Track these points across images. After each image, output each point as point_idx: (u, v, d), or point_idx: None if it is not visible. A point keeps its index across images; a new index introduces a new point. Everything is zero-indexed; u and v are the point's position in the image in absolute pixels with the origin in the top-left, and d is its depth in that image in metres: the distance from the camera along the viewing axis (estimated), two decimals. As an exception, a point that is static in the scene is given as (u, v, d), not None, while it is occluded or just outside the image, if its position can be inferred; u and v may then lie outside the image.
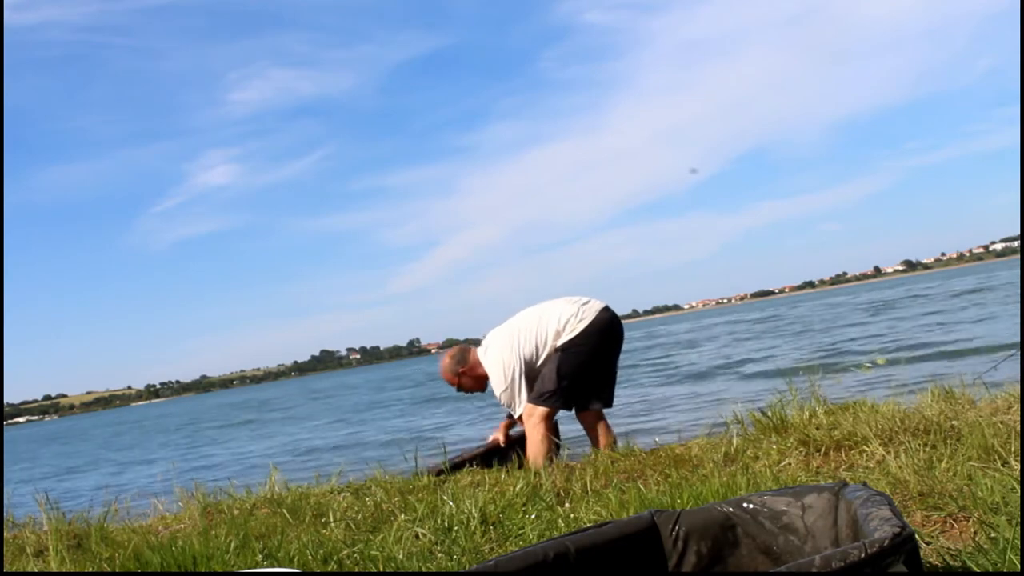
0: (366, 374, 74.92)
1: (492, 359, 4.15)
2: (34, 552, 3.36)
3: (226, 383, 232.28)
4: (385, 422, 14.92)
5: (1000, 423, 2.82)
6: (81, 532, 3.55)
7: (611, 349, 4.25)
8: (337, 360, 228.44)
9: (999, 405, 3.23)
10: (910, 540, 1.30)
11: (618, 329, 4.27)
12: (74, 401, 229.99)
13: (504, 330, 4.22)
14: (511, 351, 4.11)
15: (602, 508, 2.70)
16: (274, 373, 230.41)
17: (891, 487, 2.39)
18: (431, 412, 15.04)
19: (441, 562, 2.42)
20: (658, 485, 2.91)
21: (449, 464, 4.08)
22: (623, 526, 1.72)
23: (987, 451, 2.50)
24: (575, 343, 4.09)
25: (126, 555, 2.93)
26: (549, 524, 2.62)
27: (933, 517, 2.15)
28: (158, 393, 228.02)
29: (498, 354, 4.14)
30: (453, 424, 11.56)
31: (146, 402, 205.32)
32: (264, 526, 3.21)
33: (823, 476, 2.76)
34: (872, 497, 1.49)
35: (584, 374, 4.13)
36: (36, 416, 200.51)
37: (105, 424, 52.59)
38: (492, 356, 4.16)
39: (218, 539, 2.89)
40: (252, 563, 2.64)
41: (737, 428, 3.65)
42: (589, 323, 4.10)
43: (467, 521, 2.70)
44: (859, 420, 3.13)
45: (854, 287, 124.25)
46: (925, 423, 2.96)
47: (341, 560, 2.56)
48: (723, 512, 1.73)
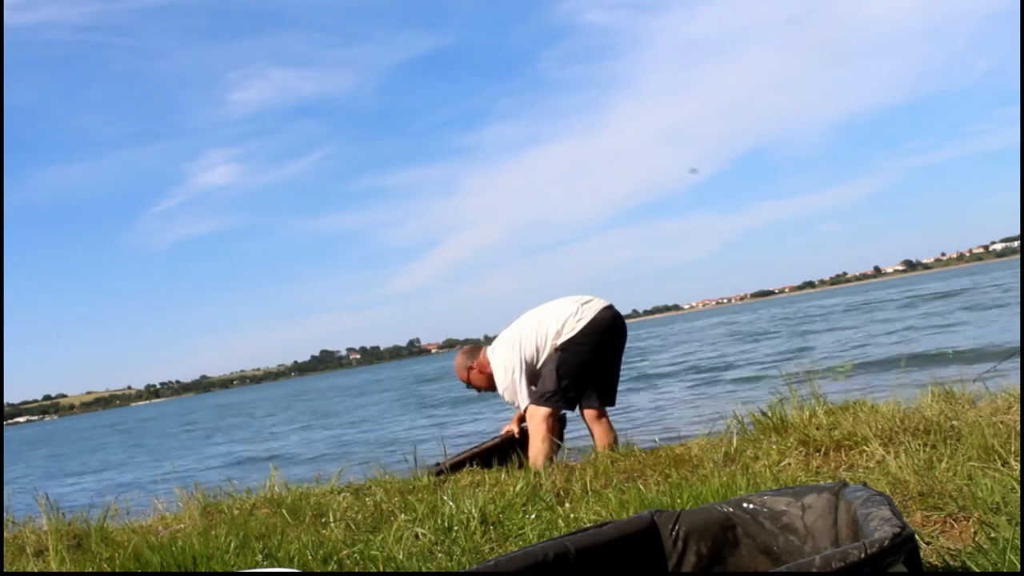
0: (366, 374, 74.94)
1: (495, 359, 4.27)
2: (34, 552, 3.36)
3: (226, 383, 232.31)
4: (345, 431, 14.86)
5: (1000, 423, 2.82)
6: (81, 532, 3.55)
7: (612, 348, 4.26)
8: (337, 360, 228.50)
9: (999, 405, 3.23)
10: (910, 540, 1.30)
11: (619, 327, 4.28)
12: (74, 401, 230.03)
13: (509, 331, 4.32)
14: (512, 352, 4.20)
15: (602, 508, 2.70)
16: (274, 373, 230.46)
17: (891, 487, 2.39)
18: (396, 418, 15.02)
19: (441, 562, 2.42)
20: (658, 485, 2.91)
21: (449, 464, 4.10)
22: (623, 526, 1.72)
23: (987, 451, 2.50)
24: (574, 342, 4.12)
25: (126, 555, 2.93)
26: (549, 524, 2.62)
27: (933, 517, 2.15)
28: (158, 393, 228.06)
29: (500, 355, 4.24)
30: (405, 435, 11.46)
31: (146, 402, 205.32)
32: (264, 526, 3.21)
33: (823, 476, 2.76)
34: (872, 497, 1.49)
35: (584, 373, 4.14)
36: (36, 416, 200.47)
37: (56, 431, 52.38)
38: (495, 356, 4.27)
39: (218, 539, 2.89)
40: (252, 563, 2.64)
41: (737, 428, 3.65)
42: (588, 322, 4.14)
43: (467, 521, 2.70)
44: (859, 420, 3.13)
45: (854, 287, 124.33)
46: (925, 423, 2.96)
47: (341, 560, 2.56)
48: (723, 512, 1.73)
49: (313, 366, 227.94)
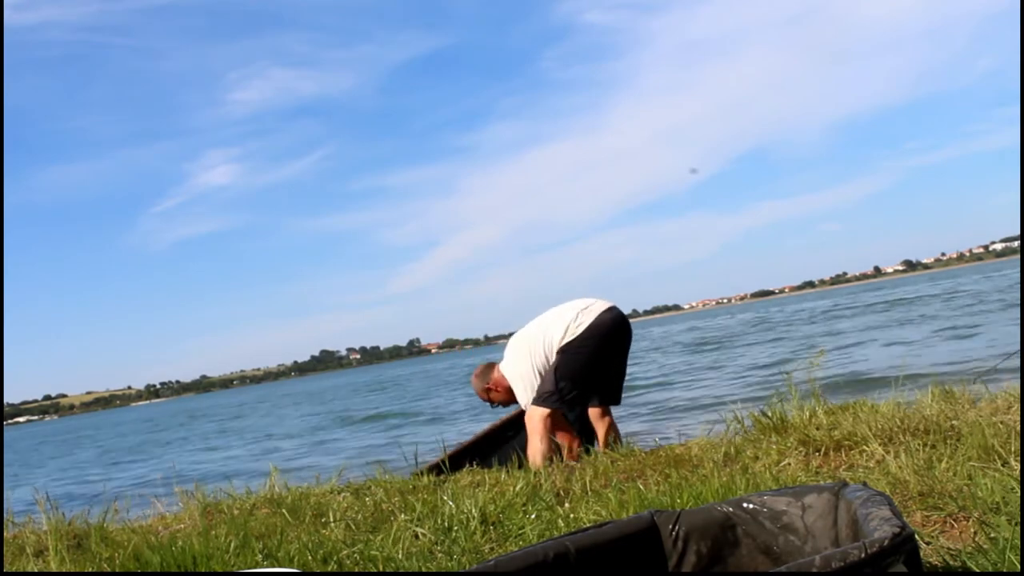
0: (365, 375, 74.90)
1: (510, 373, 4.32)
2: (34, 552, 3.35)
3: (226, 383, 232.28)
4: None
5: (1000, 423, 2.82)
6: (81, 532, 3.55)
7: (614, 348, 4.28)
8: (337, 360, 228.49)
9: (999, 405, 3.23)
10: (910, 540, 1.30)
11: (621, 328, 4.31)
12: (74, 401, 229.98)
13: (517, 341, 4.36)
14: (524, 362, 4.25)
15: (602, 508, 2.70)
16: (274, 373, 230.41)
17: (891, 487, 2.39)
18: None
19: (441, 562, 2.42)
20: (658, 485, 2.91)
21: (449, 456, 4.15)
22: (623, 526, 1.72)
23: (987, 451, 2.50)
24: (573, 345, 4.16)
25: (126, 555, 2.93)
26: (549, 524, 2.62)
27: (933, 517, 2.15)
28: (158, 393, 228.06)
29: (514, 368, 4.29)
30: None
31: (146, 402, 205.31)
32: (264, 526, 3.21)
33: (823, 476, 2.76)
34: (872, 497, 1.49)
35: (584, 374, 4.16)
36: (36, 416, 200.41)
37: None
38: (509, 371, 4.32)
39: (218, 539, 2.89)
40: (252, 563, 2.64)
41: (737, 428, 3.65)
42: (587, 326, 4.19)
43: (467, 521, 2.70)
44: (859, 420, 3.13)
45: (854, 287, 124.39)
46: (925, 423, 2.96)
47: (341, 560, 2.56)
48: (723, 512, 1.73)
49: (313, 366, 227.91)
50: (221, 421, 27.94)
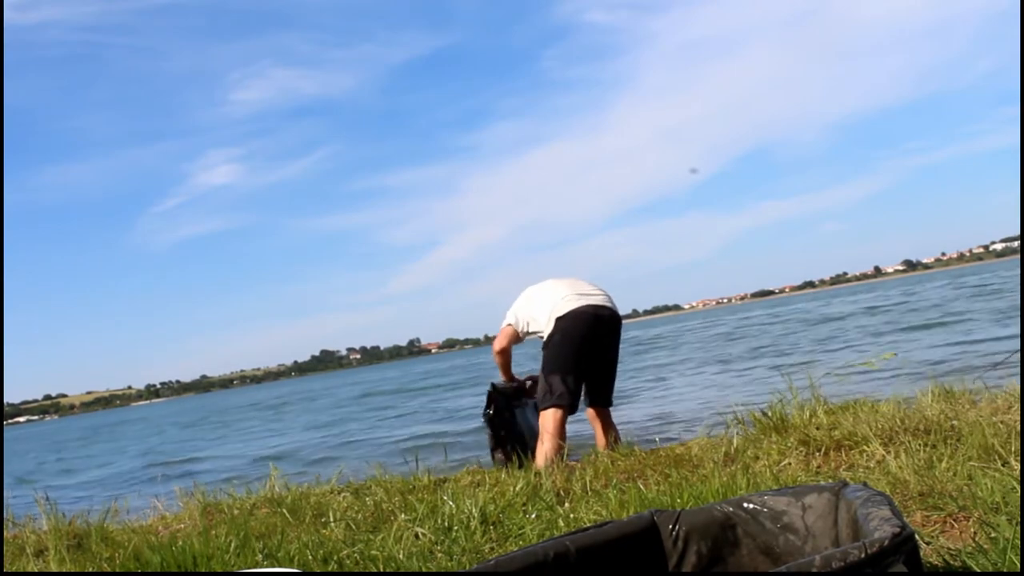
0: (365, 374, 74.83)
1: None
2: (34, 552, 3.36)
3: (226, 383, 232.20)
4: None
5: (1000, 423, 2.82)
6: (81, 532, 3.55)
7: (596, 347, 4.20)
8: (337, 360, 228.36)
9: (999, 405, 3.23)
10: (910, 540, 1.30)
11: (601, 327, 4.19)
12: (74, 401, 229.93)
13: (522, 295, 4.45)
14: (520, 300, 4.39)
15: (602, 508, 2.70)
16: (274, 373, 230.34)
17: (891, 487, 2.39)
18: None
19: (441, 562, 2.42)
20: (658, 485, 2.91)
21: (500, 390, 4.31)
22: (623, 526, 1.71)
23: (987, 451, 2.50)
24: (552, 340, 4.16)
25: (126, 555, 2.93)
26: (549, 524, 2.62)
27: (933, 517, 2.15)
28: (158, 393, 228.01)
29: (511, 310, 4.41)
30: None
31: (146, 402, 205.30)
32: (264, 526, 3.21)
33: (823, 476, 2.76)
34: (872, 497, 1.49)
35: (570, 370, 4.11)
36: (36, 416, 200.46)
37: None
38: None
39: (218, 539, 2.89)
40: (252, 563, 2.64)
41: (737, 428, 3.65)
42: (556, 325, 4.17)
43: (467, 521, 2.70)
44: (859, 420, 3.13)
45: (854, 287, 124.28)
46: (925, 423, 2.97)
47: (341, 560, 2.56)
48: (723, 512, 1.73)
49: (313, 366, 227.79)
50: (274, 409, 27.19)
